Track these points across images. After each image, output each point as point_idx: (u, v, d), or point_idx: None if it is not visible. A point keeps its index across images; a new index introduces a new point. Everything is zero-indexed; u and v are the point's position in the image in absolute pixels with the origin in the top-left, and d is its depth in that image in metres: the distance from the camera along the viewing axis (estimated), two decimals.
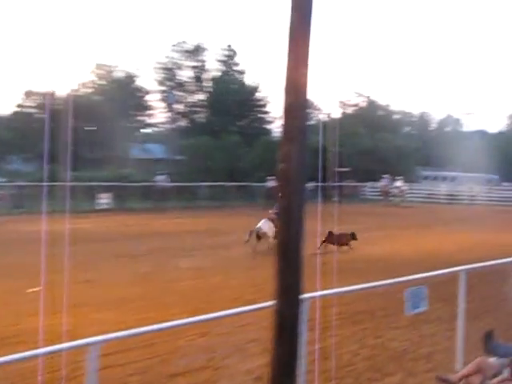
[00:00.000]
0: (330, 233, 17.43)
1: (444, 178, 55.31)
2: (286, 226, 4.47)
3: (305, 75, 4.44)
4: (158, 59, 52.61)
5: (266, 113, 60.54)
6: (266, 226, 17.26)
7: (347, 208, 33.52)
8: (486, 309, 10.21)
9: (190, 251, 17.07)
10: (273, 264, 4.50)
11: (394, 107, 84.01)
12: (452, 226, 25.42)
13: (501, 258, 8.98)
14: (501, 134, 69.26)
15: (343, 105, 76.44)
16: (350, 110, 76.87)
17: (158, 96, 52.51)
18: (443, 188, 46.01)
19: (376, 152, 58.80)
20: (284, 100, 4.52)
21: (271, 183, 35.87)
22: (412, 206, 38.72)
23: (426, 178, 55.96)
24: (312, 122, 72.39)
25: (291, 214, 4.44)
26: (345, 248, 17.53)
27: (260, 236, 17.16)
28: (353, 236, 18.11)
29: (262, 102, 57.62)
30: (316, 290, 6.10)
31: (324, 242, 16.92)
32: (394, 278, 7.21)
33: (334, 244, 17.07)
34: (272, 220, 17.08)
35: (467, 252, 17.96)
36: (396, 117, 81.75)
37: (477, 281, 9.49)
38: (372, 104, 76.26)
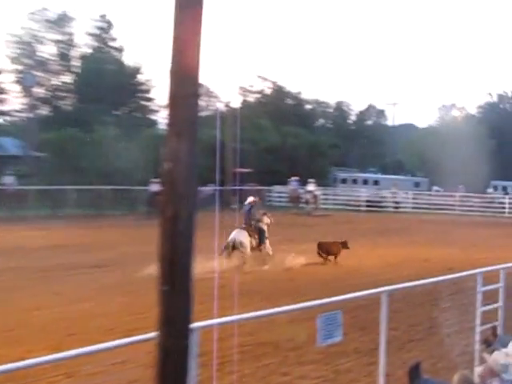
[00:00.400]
0: (320, 243, 19.75)
1: (365, 181, 57.75)
2: (172, 239, 4.48)
3: (196, 55, 4.47)
4: (11, 30, 50.77)
5: (149, 100, 59.88)
6: (241, 235, 19.05)
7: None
8: (412, 338, 10.74)
9: (55, 271, 16.62)
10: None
11: (305, 95, 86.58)
12: (374, 238, 26.58)
13: (430, 277, 9.51)
14: (431, 128, 73.47)
15: (244, 91, 77.48)
16: (252, 98, 78.14)
17: (12, 77, 50.36)
18: (364, 193, 47.98)
19: (284, 149, 60.18)
20: (170, 85, 4.52)
21: (155, 187, 35.63)
22: (327, 215, 40.00)
23: (343, 180, 58.12)
24: (206, 113, 72.98)
25: (178, 226, 4.45)
26: (332, 259, 19.79)
27: (236, 247, 18.76)
28: (344, 245, 19.87)
29: (144, 87, 57.00)
30: (212, 318, 6.16)
31: (319, 253, 19.54)
32: (304, 301, 7.43)
33: (324, 254, 19.66)
34: (247, 230, 19.35)
35: (391, 269, 18.89)
36: (308, 107, 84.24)
37: (402, 304, 10.00)
38: (280, 91, 77.84)
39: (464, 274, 9.63)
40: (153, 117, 59.14)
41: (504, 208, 45.78)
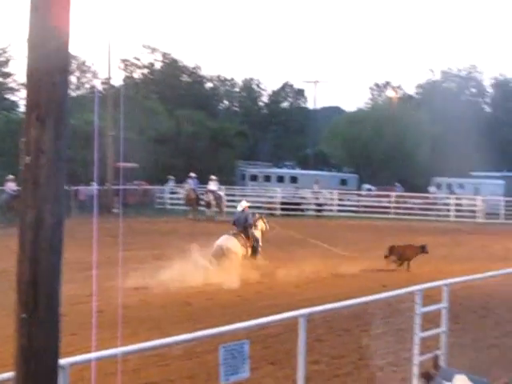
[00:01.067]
0: (392, 247, 22.60)
1: (280, 179, 58.45)
2: (34, 253, 4.35)
3: (64, 16, 4.41)
4: None
5: (6, 76, 58.41)
6: (229, 241, 21.40)
7: (134, 223, 33.75)
8: (337, 372, 10.94)
9: None
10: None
11: (206, 71, 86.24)
12: (291, 249, 26.93)
13: (359, 296, 9.74)
14: (361, 112, 75.22)
15: (128, 66, 76.27)
16: (138, 74, 77.42)
17: None
18: (279, 193, 48.56)
19: (179, 139, 60.00)
20: (28, 57, 4.43)
21: (13, 186, 34.73)
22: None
23: (253, 177, 58.60)
24: (79, 93, 71.68)
25: (42, 236, 4.36)
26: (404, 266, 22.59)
27: (224, 254, 21.08)
28: (423, 249, 22.80)
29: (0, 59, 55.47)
30: (86, 352, 6.12)
31: (386, 257, 22.15)
32: (203, 329, 7.48)
33: (398, 259, 22.60)
34: (237, 237, 21.67)
35: (312, 287, 19.25)
36: (209, 86, 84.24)
37: (324, 331, 10.20)
38: (173, 65, 77.34)
39: (400, 292, 9.96)
40: (11, 97, 57.57)
41: (449, 211, 47.54)
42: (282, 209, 46.37)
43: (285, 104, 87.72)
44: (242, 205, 24.14)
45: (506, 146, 71.29)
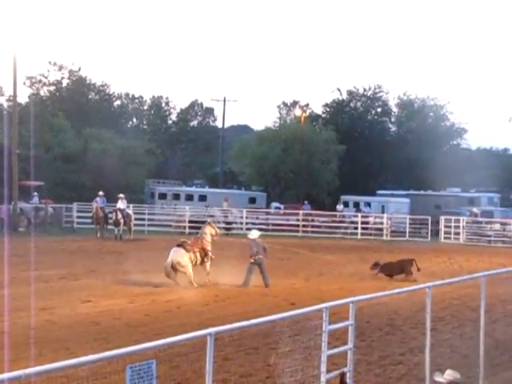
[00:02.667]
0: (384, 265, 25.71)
1: (189, 197, 58.37)
2: None
3: None
4: None
5: None
6: (177, 254, 21.80)
7: (41, 243, 33.16)
8: None
9: None
10: None
11: (114, 88, 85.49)
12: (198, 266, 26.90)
13: (267, 314, 9.93)
14: (269, 130, 75.79)
15: (34, 82, 75.03)
16: (45, 91, 76.11)
17: None
18: (187, 211, 48.47)
19: (86, 157, 59.25)
20: None
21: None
22: (142, 239, 39.98)
23: (162, 196, 58.31)
24: None
25: None
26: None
27: (175, 268, 21.58)
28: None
29: None
30: None
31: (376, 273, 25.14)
32: (110, 349, 7.38)
33: (390, 275, 25.25)
34: (184, 246, 22.11)
35: (220, 306, 19.27)
36: (117, 103, 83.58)
37: (233, 349, 10.18)
38: (80, 83, 76.49)
39: (307, 309, 10.03)
40: None
41: (356, 228, 48.30)
42: (191, 227, 46.26)
43: (194, 122, 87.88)
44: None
45: (410, 164, 73.04)
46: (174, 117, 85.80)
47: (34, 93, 74.99)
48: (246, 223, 48.80)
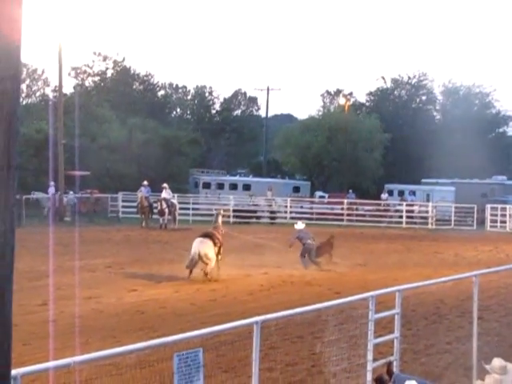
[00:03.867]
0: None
1: (233, 186, 58.49)
2: None
3: (15, 26, 4.37)
4: None
5: None
6: (205, 246, 21.28)
7: (86, 232, 33.51)
8: (291, 379, 10.97)
9: None
10: None
11: (158, 79, 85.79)
12: (243, 255, 26.95)
13: (313, 303, 9.88)
14: (312, 119, 75.59)
15: (79, 73, 75.58)
16: (90, 82, 76.72)
17: None
18: (232, 201, 48.57)
19: (131, 146, 59.50)
20: None
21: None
22: (186, 228, 40.14)
23: (206, 185, 58.52)
24: (29, 101, 70.88)
25: None
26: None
27: (202, 260, 21.06)
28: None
29: None
30: (39, 361, 6.03)
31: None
32: (156, 337, 7.43)
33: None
34: (210, 236, 21.76)
35: (265, 295, 19.32)
36: (161, 93, 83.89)
37: (278, 338, 10.18)
38: (125, 73, 76.83)
39: (353, 298, 10.01)
40: None
41: (401, 217, 48.01)
42: (235, 216, 46.34)
43: (237, 111, 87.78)
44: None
45: (455, 152, 72.21)
46: (217, 106, 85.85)
47: (79, 83, 75.65)
48: (290, 212, 48.79)
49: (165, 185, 41.60)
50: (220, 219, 24.06)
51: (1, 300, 4.42)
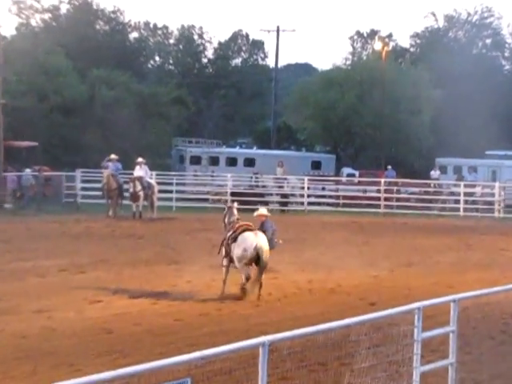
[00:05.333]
0: None
1: (232, 161, 58.35)
2: None
3: None
4: None
5: None
6: (266, 241, 21.23)
7: (34, 223, 33.48)
8: None
9: None
10: None
11: (130, 16, 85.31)
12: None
13: (339, 318, 9.74)
14: (338, 70, 75.30)
15: (23, 9, 75.02)
16: (38, 21, 76.51)
17: None
18: (230, 180, 48.52)
19: (93, 108, 59.23)
20: None
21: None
22: (169, 218, 40.16)
23: (195, 160, 58.23)
24: None
25: None
26: None
27: (262, 259, 20.89)
28: None
29: None
30: None
31: None
32: (129, 364, 7.43)
33: None
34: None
35: (278, 307, 19.31)
36: (134, 35, 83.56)
37: (292, 364, 10.20)
38: (84, 9, 76.07)
39: (393, 311, 10.01)
40: None
41: (458, 202, 47.83)
42: (234, 201, 46.24)
43: (237, 60, 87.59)
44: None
45: None
46: (209, 53, 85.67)
47: (23, 23, 75.51)
48: (309, 196, 48.73)
49: (140, 159, 41.52)
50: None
51: None
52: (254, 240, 20.88)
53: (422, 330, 9.93)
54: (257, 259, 20.66)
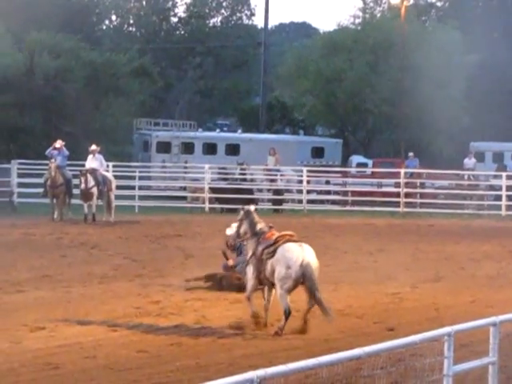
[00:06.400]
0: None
1: (210, 148, 58.48)
2: None
3: None
4: None
5: None
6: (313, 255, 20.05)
7: None
8: None
9: None
10: None
11: None
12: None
13: (349, 347, 9.79)
14: (343, 32, 75.38)
15: None
16: None
17: None
18: (208, 172, 48.53)
19: (31, 82, 58.91)
20: None
21: None
22: (130, 221, 40.14)
23: (163, 146, 58.25)
24: None
25: None
26: None
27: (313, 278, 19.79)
28: None
29: None
30: None
31: None
32: None
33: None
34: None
35: (264, 333, 19.33)
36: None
37: None
38: None
39: (417, 337, 10.01)
40: None
41: (499, 199, 47.79)
42: (214, 200, 46.32)
43: (215, 19, 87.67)
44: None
45: None
46: (181, 11, 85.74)
47: None
48: (308, 192, 48.74)
49: (93, 147, 41.48)
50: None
51: None
52: (300, 254, 19.80)
53: (453, 361, 9.94)
54: (303, 281, 19.63)
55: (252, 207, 22.24)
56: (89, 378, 15.71)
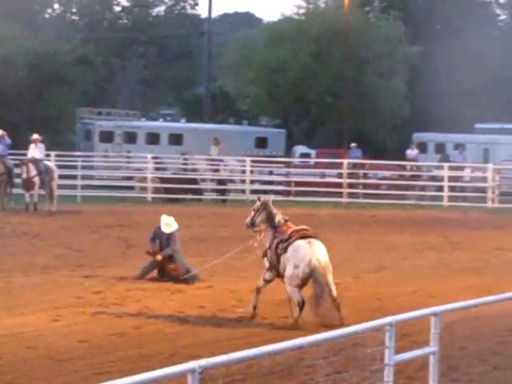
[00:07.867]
0: None
1: (153, 138, 58.29)
2: None
3: None
4: None
5: None
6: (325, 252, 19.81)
7: None
8: None
9: None
10: None
11: None
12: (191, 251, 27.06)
13: (291, 336, 9.79)
14: (288, 22, 75.30)
15: None
16: None
17: None
18: (150, 163, 48.43)
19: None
20: None
21: None
22: (72, 211, 39.99)
23: (106, 135, 58.10)
24: None
25: None
26: None
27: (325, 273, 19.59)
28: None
29: None
30: None
31: None
32: None
33: None
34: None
35: (207, 323, 19.32)
36: None
37: None
38: None
39: (358, 327, 10.05)
40: None
41: (441, 189, 48.09)
42: (157, 190, 46.25)
43: (159, 8, 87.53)
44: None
45: None
46: (124, 0, 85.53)
47: None
48: (252, 182, 48.73)
49: (35, 136, 41.32)
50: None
51: None
52: (308, 253, 19.58)
53: (395, 351, 9.98)
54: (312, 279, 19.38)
55: (270, 198, 22.33)
56: (30, 367, 15.63)
